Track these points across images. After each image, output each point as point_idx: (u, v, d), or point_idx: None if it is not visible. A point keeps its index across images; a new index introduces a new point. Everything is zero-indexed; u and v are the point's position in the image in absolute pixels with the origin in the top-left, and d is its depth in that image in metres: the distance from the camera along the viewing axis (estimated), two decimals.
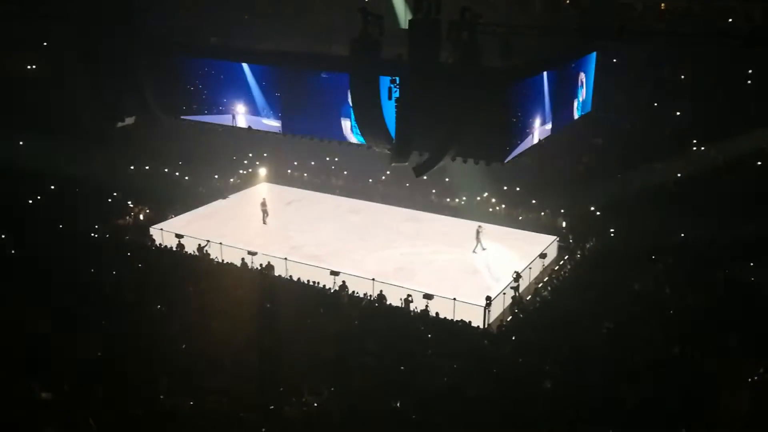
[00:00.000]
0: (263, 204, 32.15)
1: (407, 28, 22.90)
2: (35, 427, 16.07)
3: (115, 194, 32.74)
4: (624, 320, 22.18)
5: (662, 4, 37.81)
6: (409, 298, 23.76)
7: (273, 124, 28.40)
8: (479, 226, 29.24)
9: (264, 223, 31.97)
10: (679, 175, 31.55)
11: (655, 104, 35.41)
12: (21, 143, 33.46)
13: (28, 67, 38.30)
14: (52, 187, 32.21)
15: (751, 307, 22.77)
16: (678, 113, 34.45)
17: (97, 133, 31.87)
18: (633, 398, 17.95)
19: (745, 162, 30.77)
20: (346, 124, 26.26)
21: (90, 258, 26.14)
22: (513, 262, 27.46)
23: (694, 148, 32.54)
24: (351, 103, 24.09)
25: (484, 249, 28.93)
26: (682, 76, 35.83)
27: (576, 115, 30.31)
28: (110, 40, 27.69)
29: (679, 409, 17.63)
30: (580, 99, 30.38)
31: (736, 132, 31.68)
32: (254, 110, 28.54)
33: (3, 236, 27.27)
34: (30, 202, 30.98)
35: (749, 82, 34.00)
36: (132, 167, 35.14)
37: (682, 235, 28.04)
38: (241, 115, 28.88)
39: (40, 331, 20.62)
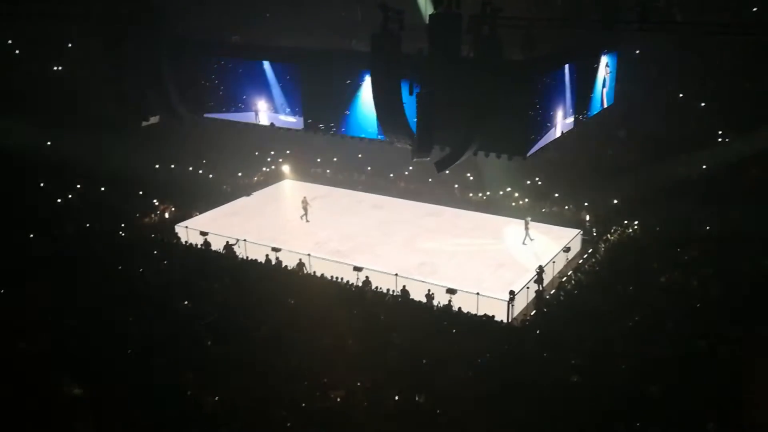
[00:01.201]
0: (304, 201, 32.27)
1: (428, 22, 22.82)
2: (65, 422, 16.36)
3: (140, 193, 33.09)
4: (649, 313, 22.01)
5: None
6: (431, 293, 23.76)
7: (293, 120, 28.51)
8: (528, 218, 29.46)
9: (306, 220, 32.06)
10: (704, 166, 31.16)
11: (680, 95, 34.98)
12: (48, 143, 33.97)
13: (54, 68, 38.82)
14: (78, 186, 32.65)
15: None
16: (703, 104, 34.01)
17: (122, 132, 32.19)
18: (659, 392, 17.83)
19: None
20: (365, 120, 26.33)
21: (117, 256, 26.49)
22: (536, 256, 27.36)
23: (720, 140, 32.09)
24: (373, 99, 24.07)
25: (531, 240, 29.07)
26: (707, 67, 35.34)
27: (599, 108, 30.02)
28: (133, 39, 27.93)
29: (706, 403, 17.47)
30: (604, 91, 30.07)
31: (762, 123, 31.19)
32: (276, 107, 28.65)
33: (31, 235, 27.70)
34: (59, 201, 31.41)
35: None
36: (157, 166, 35.48)
37: (708, 227, 27.70)
38: (263, 113, 29.01)
39: (69, 328, 20.97)
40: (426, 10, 31.48)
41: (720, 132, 32.40)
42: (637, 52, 36.46)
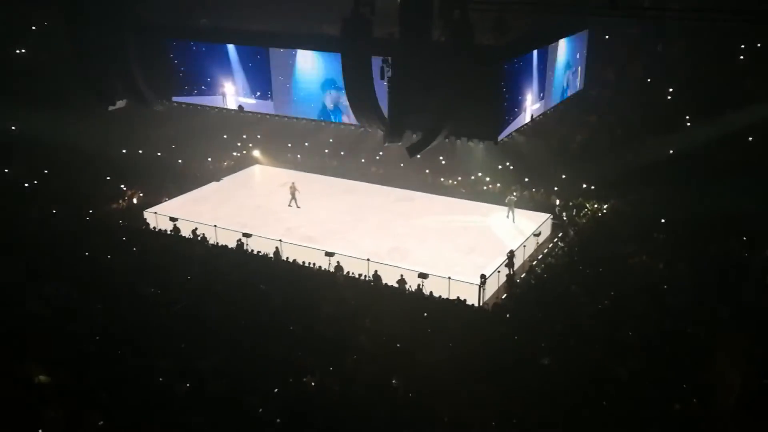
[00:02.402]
0: (292, 187, 31.98)
1: (399, 6, 22.75)
2: (33, 409, 16.13)
3: (108, 178, 32.61)
4: (618, 296, 22.34)
5: None
6: (403, 278, 23.82)
7: (263, 104, 28.32)
8: (508, 198, 30.25)
9: (297, 206, 31.81)
10: (671, 151, 31.57)
11: (648, 80, 35.33)
12: (13, 128, 33.30)
13: (17, 51, 37.99)
14: (45, 171, 32.07)
15: (743, 281, 22.96)
16: (671, 89, 34.39)
17: (88, 116, 31.66)
18: (627, 373, 18.13)
19: (738, 138, 30.78)
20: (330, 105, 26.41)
21: (83, 242, 26.12)
22: (507, 240, 27.56)
23: (688, 124, 32.52)
24: (343, 84, 23.97)
25: (513, 219, 29.83)
26: (676, 52, 35.73)
27: (569, 93, 30.25)
28: (98, 22, 27.42)
29: (673, 385, 17.81)
30: (573, 76, 30.32)
31: (730, 108, 31.68)
32: (244, 91, 28.43)
33: None
34: (26, 185, 30.85)
35: (741, 57, 33.94)
36: (124, 150, 34.98)
37: (676, 211, 28.10)
38: (230, 96, 28.77)
39: (37, 314, 20.67)
40: None
41: (687, 117, 32.81)
42: (607, 37, 36.71)
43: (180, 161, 35.94)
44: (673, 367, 18.46)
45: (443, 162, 34.17)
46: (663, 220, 27.76)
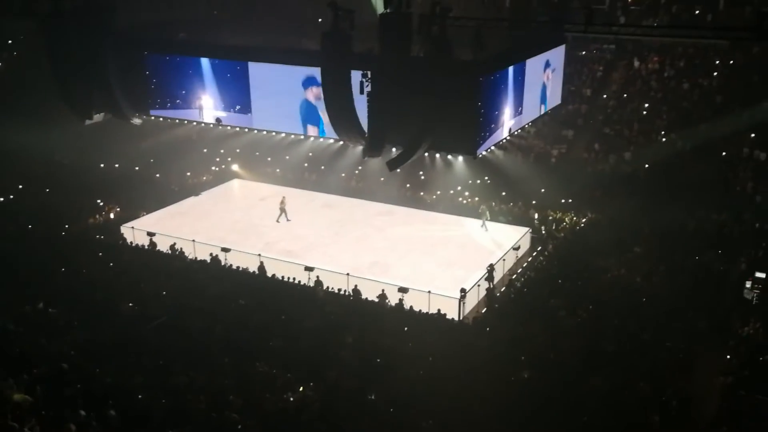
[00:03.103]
0: (282, 202, 31.84)
1: (378, 21, 22.94)
2: (10, 428, 15.84)
3: (85, 192, 32.28)
4: (596, 309, 22.51)
5: None
6: (383, 293, 23.81)
7: (242, 118, 28.29)
8: (481, 207, 30.71)
9: (287, 219, 31.62)
10: (647, 165, 32.00)
11: (624, 95, 35.84)
12: None
13: None
14: (20, 186, 31.69)
15: (719, 294, 23.28)
16: (647, 104, 34.91)
17: (65, 130, 31.40)
18: (606, 385, 18.24)
19: (711, 152, 31.31)
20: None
21: (59, 258, 25.80)
22: (487, 254, 27.66)
23: (664, 139, 33.00)
24: (323, 98, 24.03)
25: (486, 228, 30.28)
26: (651, 68, 36.32)
27: (547, 107, 30.59)
28: (77, 36, 27.29)
29: (651, 396, 17.95)
30: (551, 91, 30.66)
31: (703, 122, 32.23)
32: (222, 105, 28.38)
33: None
34: (1, 200, 30.46)
35: (715, 73, 34.59)
36: (102, 165, 34.69)
37: (652, 224, 28.45)
38: (208, 110, 28.69)
39: (13, 330, 20.33)
40: (378, 8, 31.60)
41: (662, 132, 33.30)
42: (583, 53, 37.28)
43: (158, 175, 35.70)
44: (651, 378, 18.60)
45: (422, 176, 34.31)
46: (640, 233, 28.04)
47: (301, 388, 18.10)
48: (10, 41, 38.37)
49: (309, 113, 26.56)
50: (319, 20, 28.95)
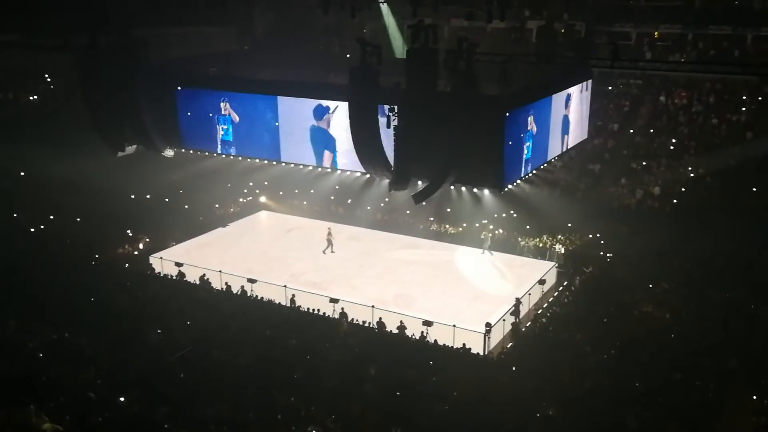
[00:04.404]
0: (329, 233, 32.20)
1: (405, 57, 23.21)
2: None
3: (115, 223, 32.76)
4: (624, 345, 22.18)
5: (656, 33, 38.40)
6: (403, 325, 23.75)
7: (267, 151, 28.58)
8: (483, 233, 31.30)
9: (326, 252, 32.04)
10: (675, 201, 31.72)
11: (651, 130, 35.71)
12: (22, 174, 33.65)
13: (30, 97, 38.68)
14: (51, 217, 32.28)
15: (751, 331, 22.82)
16: (674, 140, 34.73)
17: (98, 162, 31.98)
18: (635, 424, 17.90)
19: (740, 186, 30.98)
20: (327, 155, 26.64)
21: (89, 287, 26.12)
22: (512, 288, 27.50)
23: (692, 175, 32.74)
24: (350, 131, 24.25)
25: (485, 252, 30.91)
26: (677, 102, 36.21)
27: (573, 142, 30.54)
28: (110, 70, 27.94)
29: None
30: (577, 126, 30.62)
31: (732, 158, 31.98)
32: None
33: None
34: (32, 230, 31.02)
35: (743, 109, 34.38)
36: (133, 196, 35.22)
37: (681, 260, 28.10)
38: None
39: (39, 359, 20.59)
40: (402, 46, 32.05)
41: (690, 168, 33.05)
42: (610, 88, 37.28)
43: (186, 206, 36.13)
44: (681, 419, 18.22)
45: (449, 210, 34.33)
46: (668, 269, 27.67)
47: (324, 422, 18.01)
48: (46, 75, 39.38)
49: (322, 139, 26.79)
50: (347, 56, 29.39)
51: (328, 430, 17.85)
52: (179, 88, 28.86)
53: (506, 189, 25.38)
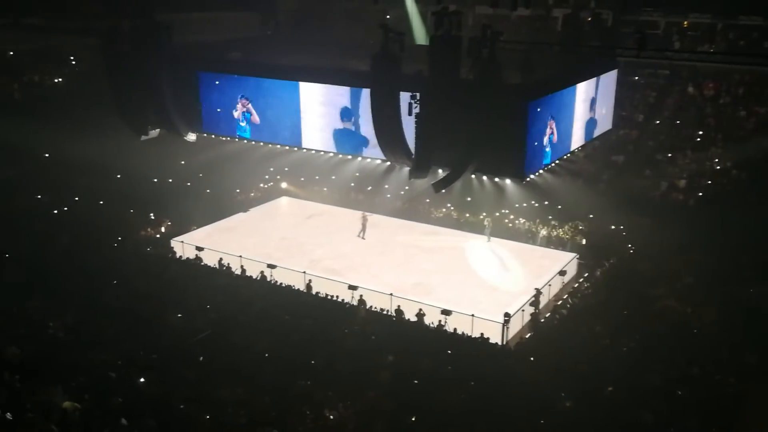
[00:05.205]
0: (363, 217, 32.33)
1: (426, 44, 23.05)
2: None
3: (138, 206, 33.03)
4: (644, 339, 21.98)
5: (685, 22, 37.77)
6: (422, 312, 23.72)
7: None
8: (487, 219, 31.71)
9: (362, 237, 32.21)
10: (700, 194, 31.28)
11: (678, 122, 35.21)
12: (47, 155, 34.03)
13: (55, 80, 39.03)
14: (76, 198, 32.62)
15: None
16: (701, 132, 34.21)
17: (120, 144, 32.23)
18: (652, 419, 17.75)
19: (767, 181, 30.46)
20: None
21: (111, 269, 26.41)
22: (532, 279, 27.35)
23: (718, 167, 32.25)
24: (372, 118, 24.18)
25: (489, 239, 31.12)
26: (705, 94, 35.65)
27: (596, 132, 30.21)
28: (133, 54, 28.07)
29: (699, 430, 17.41)
30: (601, 116, 30.27)
31: (760, 150, 31.42)
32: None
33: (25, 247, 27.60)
34: (55, 212, 31.38)
35: None
36: (155, 180, 35.48)
37: (703, 253, 27.73)
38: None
39: (60, 340, 20.85)
40: (423, 33, 31.77)
41: (717, 160, 32.56)
42: (636, 78, 36.79)
43: (208, 191, 36.33)
44: (699, 414, 18.03)
45: (469, 198, 34.18)
46: (692, 263, 27.33)
47: (340, 408, 18.06)
48: (71, 57, 39.68)
49: (349, 140, 26.81)
50: (370, 42, 29.26)
51: (344, 415, 17.91)
52: (201, 73, 28.95)
53: (528, 179, 25.19)
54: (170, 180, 36.03)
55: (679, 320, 23.57)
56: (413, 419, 17.86)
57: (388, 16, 37.76)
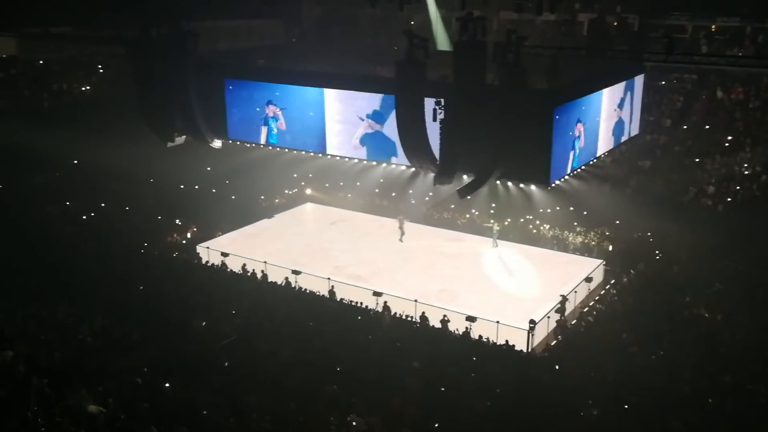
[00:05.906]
0: (401, 220, 32.41)
1: (450, 49, 23.03)
2: None
3: (164, 212, 33.33)
4: (673, 347, 21.66)
5: (713, 26, 37.33)
6: (446, 319, 23.62)
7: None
8: (495, 224, 31.68)
9: (401, 240, 32.32)
10: (729, 200, 30.82)
11: (706, 126, 34.76)
12: (75, 162, 34.50)
13: (83, 88, 39.58)
14: (103, 204, 33.01)
15: None
16: (729, 137, 33.73)
17: (147, 151, 32.58)
18: (682, 428, 17.46)
19: None
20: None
21: (137, 275, 26.65)
22: (558, 285, 27.10)
23: (747, 172, 31.76)
24: (397, 124, 24.18)
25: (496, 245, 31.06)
26: (734, 98, 35.15)
27: (623, 138, 29.93)
28: (160, 61, 28.39)
29: None
30: (628, 121, 30.00)
31: None
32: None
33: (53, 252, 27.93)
34: (83, 218, 31.77)
35: None
36: (182, 186, 35.79)
37: (733, 261, 27.30)
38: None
39: (87, 344, 21.06)
40: (446, 39, 31.76)
41: (746, 165, 32.07)
42: (663, 82, 36.41)
43: (233, 197, 36.57)
44: (731, 424, 17.70)
45: (494, 204, 34.01)
46: (721, 270, 26.91)
47: (365, 414, 18.01)
48: (99, 66, 40.23)
49: (378, 144, 26.81)
50: (395, 48, 29.32)
51: (369, 422, 17.86)
52: (227, 80, 29.19)
53: (553, 185, 25.00)
54: (196, 186, 36.33)
55: (708, 328, 23.18)
56: (436, 425, 17.76)
57: (412, 23, 37.85)
